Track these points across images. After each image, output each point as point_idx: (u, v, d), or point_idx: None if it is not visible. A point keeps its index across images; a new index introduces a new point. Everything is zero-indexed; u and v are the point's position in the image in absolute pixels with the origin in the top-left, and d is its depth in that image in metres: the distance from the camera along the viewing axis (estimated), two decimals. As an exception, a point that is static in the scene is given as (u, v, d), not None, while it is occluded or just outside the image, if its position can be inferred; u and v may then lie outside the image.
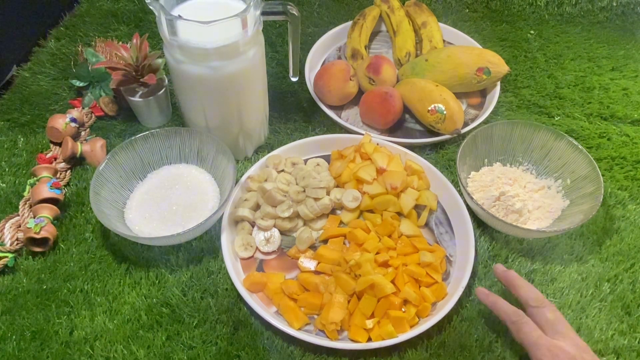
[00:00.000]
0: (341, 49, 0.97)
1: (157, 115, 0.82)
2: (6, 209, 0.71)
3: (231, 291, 0.64)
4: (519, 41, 1.01)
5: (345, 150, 0.75)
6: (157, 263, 0.66)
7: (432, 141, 0.80)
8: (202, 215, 0.67)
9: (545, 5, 1.08)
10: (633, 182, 0.76)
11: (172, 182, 0.72)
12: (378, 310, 0.59)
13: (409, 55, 0.90)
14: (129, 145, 0.70)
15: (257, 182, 0.71)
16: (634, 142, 0.82)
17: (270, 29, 1.00)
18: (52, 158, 0.75)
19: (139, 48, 0.76)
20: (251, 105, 0.71)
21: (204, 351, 0.58)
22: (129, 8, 1.03)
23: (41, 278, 0.64)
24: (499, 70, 0.84)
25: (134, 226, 0.67)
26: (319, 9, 1.06)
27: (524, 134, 0.74)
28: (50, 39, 0.95)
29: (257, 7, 0.63)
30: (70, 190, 0.74)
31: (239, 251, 0.66)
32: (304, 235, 0.66)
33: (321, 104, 0.84)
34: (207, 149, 0.72)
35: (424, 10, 0.95)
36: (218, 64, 0.62)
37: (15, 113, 0.83)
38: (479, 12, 1.07)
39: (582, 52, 0.98)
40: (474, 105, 0.87)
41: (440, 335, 0.60)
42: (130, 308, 0.62)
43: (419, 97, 0.80)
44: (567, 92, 0.90)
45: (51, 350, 0.58)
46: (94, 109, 0.82)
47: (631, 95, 0.89)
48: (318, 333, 0.60)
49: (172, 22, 0.59)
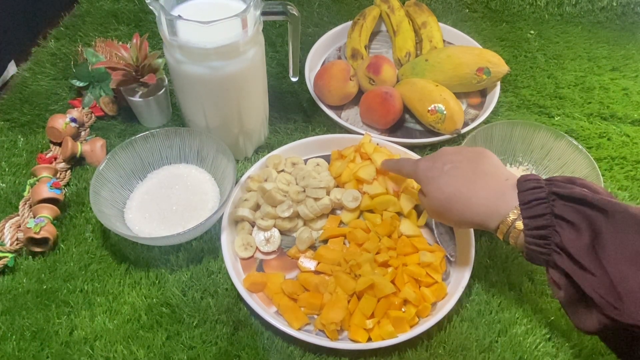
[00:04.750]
0: (341, 49, 0.97)
1: (157, 115, 0.82)
2: (6, 209, 0.71)
3: (231, 291, 0.64)
4: (519, 41, 1.01)
5: (345, 150, 0.75)
6: (157, 263, 0.66)
7: (432, 141, 0.80)
8: (202, 215, 0.67)
9: (545, 5, 1.08)
10: (633, 182, 0.76)
11: (172, 182, 0.72)
12: (378, 310, 0.59)
13: (409, 55, 0.90)
14: (129, 145, 0.70)
15: (257, 182, 0.71)
16: (634, 142, 0.82)
17: (270, 29, 1.00)
18: (52, 158, 0.75)
19: (139, 48, 0.76)
20: (251, 105, 0.71)
21: (204, 351, 0.58)
22: (129, 8, 1.03)
23: (41, 278, 0.64)
24: (499, 70, 0.84)
25: (134, 226, 0.67)
26: (319, 9, 1.06)
27: (524, 134, 0.74)
28: (50, 39, 0.95)
29: (257, 7, 0.63)
30: (70, 190, 0.74)
31: (239, 251, 0.66)
32: (304, 235, 0.66)
33: (321, 104, 0.84)
34: (207, 149, 0.72)
35: (424, 10, 0.95)
36: (218, 64, 0.62)
37: (15, 113, 0.83)
38: (479, 12, 1.07)
39: (582, 52, 0.98)
40: (474, 105, 0.87)
41: (440, 335, 0.60)
42: (130, 308, 0.62)
43: (419, 97, 0.80)
44: (567, 92, 0.90)
45: (51, 350, 0.58)
46: (94, 109, 0.82)
47: (631, 95, 0.89)
48: (318, 333, 0.60)
49: (172, 22, 0.59)
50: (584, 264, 0.43)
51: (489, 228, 0.52)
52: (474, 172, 0.53)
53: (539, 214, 0.47)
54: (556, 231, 0.45)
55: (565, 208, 0.46)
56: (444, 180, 0.54)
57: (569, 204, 0.46)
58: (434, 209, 0.56)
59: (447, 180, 0.54)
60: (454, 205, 0.53)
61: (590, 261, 0.43)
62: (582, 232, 0.44)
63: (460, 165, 0.54)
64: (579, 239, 0.44)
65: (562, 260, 0.45)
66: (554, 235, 0.46)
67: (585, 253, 0.43)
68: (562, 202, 0.46)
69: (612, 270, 0.41)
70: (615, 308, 0.41)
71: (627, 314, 0.40)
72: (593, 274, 0.42)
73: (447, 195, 0.53)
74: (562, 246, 0.45)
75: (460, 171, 0.54)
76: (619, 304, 0.40)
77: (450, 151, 0.57)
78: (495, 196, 0.51)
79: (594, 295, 0.42)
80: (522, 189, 0.49)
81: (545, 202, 0.47)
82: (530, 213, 0.47)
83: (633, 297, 0.40)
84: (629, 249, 0.42)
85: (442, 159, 0.56)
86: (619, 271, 0.41)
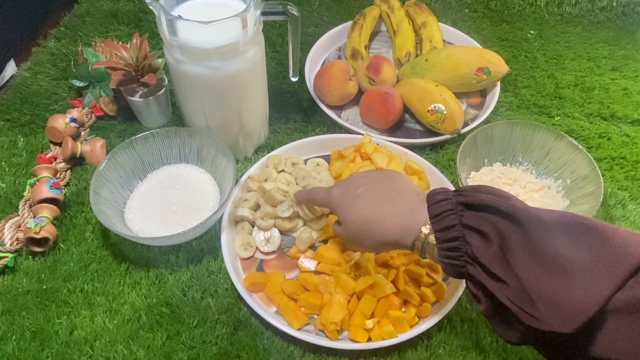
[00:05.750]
0: (341, 49, 0.97)
1: (157, 115, 0.82)
2: (6, 209, 0.71)
3: (231, 291, 0.64)
4: (519, 41, 1.01)
5: (345, 150, 0.75)
6: (157, 263, 0.66)
7: (432, 141, 0.80)
8: (202, 215, 0.67)
9: (545, 5, 1.08)
10: (633, 182, 0.76)
11: (172, 182, 0.72)
12: (378, 310, 0.59)
13: (409, 55, 0.90)
14: (129, 145, 0.70)
15: (257, 182, 0.71)
16: (634, 142, 0.82)
17: (270, 29, 1.00)
18: (52, 158, 0.76)
19: (139, 48, 0.76)
20: (251, 105, 0.71)
21: (204, 351, 0.58)
22: (129, 8, 1.03)
23: (41, 278, 0.64)
24: (499, 70, 0.84)
25: (134, 226, 0.67)
26: (319, 9, 1.06)
27: (524, 134, 0.74)
28: (50, 39, 0.95)
29: (257, 7, 0.63)
30: (70, 190, 0.74)
31: (239, 251, 0.66)
32: (304, 235, 0.66)
33: (321, 104, 0.84)
34: (207, 149, 0.72)
35: (424, 10, 0.95)
36: (218, 64, 0.62)
37: (15, 113, 0.83)
38: (479, 12, 1.07)
39: (582, 52, 0.98)
40: (474, 105, 0.87)
41: (440, 335, 0.60)
42: (130, 308, 0.62)
43: (419, 97, 0.80)
44: (567, 92, 0.90)
45: (51, 350, 0.58)
46: (94, 109, 0.82)
47: (631, 95, 0.89)
48: (318, 333, 0.60)
49: (172, 22, 0.59)
50: (496, 272, 0.41)
51: (406, 246, 0.49)
52: (386, 193, 0.52)
53: (448, 226, 0.45)
54: (466, 241, 0.44)
55: (472, 217, 0.44)
56: (358, 203, 0.52)
57: (476, 213, 0.44)
58: (351, 236, 0.53)
59: (361, 203, 0.52)
60: (371, 227, 0.51)
61: (502, 269, 0.41)
62: (491, 240, 0.42)
63: (372, 187, 0.53)
64: (489, 247, 0.42)
65: (476, 271, 0.43)
66: (464, 246, 0.44)
67: (496, 261, 0.41)
68: (470, 211, 0.44)
69: (523, 276, 0.39)
70: (531, 316, 0.38)
71: (543, 322, 0.38)
72: (505, 282, 0.40)
73: (363, 218, 0.51)
74: (473, 256, 0.43)
75: (373, 193, 0.53)
76: (534, 312, 0.38)
77: (361, 175, 0.56)
78: (407, 213, 0.49)
79: (509, 304, 0.40)
80: (431, 202, 0.48)
81: (454, 213, 0.45)
82: (441, 226, 0.45)
83: (545, 302, 0.38)
84: (538, 252, 0.40)
85: (355, 183, 0.55)
86: (530, 276, 0.39)
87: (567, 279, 0.38)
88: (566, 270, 0.38)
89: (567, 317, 0.37)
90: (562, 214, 0.42)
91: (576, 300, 0.37)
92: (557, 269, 0.38)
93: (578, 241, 0.39)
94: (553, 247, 0.39)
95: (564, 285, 0.38)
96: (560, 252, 0.39)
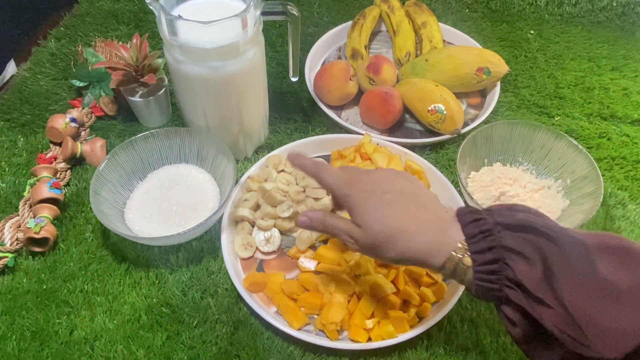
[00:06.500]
0: (341, 49, 0.97)
1: (157, 115, 0.82)
2: (6, 209, 0.71)
3: (231, 291, 0.64)
4: (519, 41, 1.01)
5: (345, 150, 0.75)
6: (157, 263, 0.66)
7: (432, 141, 0.80)
8: (202, 215, 0.67)
9: (545, 5, 1.08)
10: (633, 182, 0.76)
11: (172, 182, 0.72)
12: (378, 310, 0.59)
13: (409, 55, 0.90)
14: (129, 145, 0.70)
15: (257, 182, 0.71)
16: (634, 142, 0.82)
17: (270, 29, 1.00)
18: (52, 158, 0.75)
19: (139, 48, 0.76)
20: (251, 105, 0.71)
21: (204, 351, 0.58)
22: (129, 8, 1.03)
23: (41, 278, 0.64)
24: (499, 70, 0.84)
25: (134, 226, 0.67)
26: (319, 9, 1.06)
27: (524, 134, 0.74)
28: (50, 39, 0.95)
29: (257, 7, 0.63)
30: (70, 190, 0.74)
31: (239, 251, 0.66)
32: (304, 235, 0.66)
33: (321, 104, 0.84)
34: (207, 149, 0.72)
35: (424, 10, 0.95)
36: (218, 64, 0.62)
37: (15, 113, 0.83)
38: (479, 12, 1.07)
39: (582, 52, 0.98)
40: (474, 105, 0.87)
41: (440, 335, 0.60)
42: (130, 308, 0.62)
43: (419, 97, 0.80)
44: (567, 92, 0.90)
45: (51, 350, 0.58)
46: (94, 109, 0.82)
47: (631, 95, 0.89)
48: (318, 333, 0.60)
49: (172, 22, 0.59)
50: (540, 296, 0.39)
51: (432, 266, 0.45)
52: (416, 206, 0.48)
53: (486, 248, 0.42)
54: (507, 264, 0.41)
55: (513, 238, 0.42)
56: (388, 213, 0.47)
57: (517, 234, 0.42)
58: (371, 243, 0.47)
59: (391, 213, 0.47)
60: (396, 240, 0.46)
61: (546, 293, 0.39)
62: (534, 263, 0.40)
63: (400, 197, 0.48)
64: (533, 270, 0.40)
65: (517, 295, 0.41)
66: (505, 269, 0.41)
67: (541, 285, 0.40)
68: (509, 232, 0.42)
69: (569, 301, 0.38)
70: (580, 343, 0.37)
71: (592, 349, 0.37)
72: (550, 306, 0.39)
73: (390, 230, 0.46)
74: (515, 280, 0.41)
75: (403, 204, 0.48)
76: (582, 338, 0.37)
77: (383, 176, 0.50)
78: (438, 232, 0.45)
79: (555, 331, 0.39)
80: (466, 221, 0.44)
81: (491, 234, 0.42)
82: (478, 247, 0.43)
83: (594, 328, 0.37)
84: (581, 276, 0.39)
85: (380, 186, 0.49)
86: (575, 301, 0.38)
87: (613, 303, 0.37)
88: (612, 294, 0.38)
89: (617, 343, 0.36)
90: (599, 235, 0.41)
91: (626, 324, 0.37)
92: (602, 293, 0.38)
93: (619, 264, 0.39)
94: (596, 271, 0.39)
95: (611, 310, 0.37)
96: (603, 276, 0.38)
